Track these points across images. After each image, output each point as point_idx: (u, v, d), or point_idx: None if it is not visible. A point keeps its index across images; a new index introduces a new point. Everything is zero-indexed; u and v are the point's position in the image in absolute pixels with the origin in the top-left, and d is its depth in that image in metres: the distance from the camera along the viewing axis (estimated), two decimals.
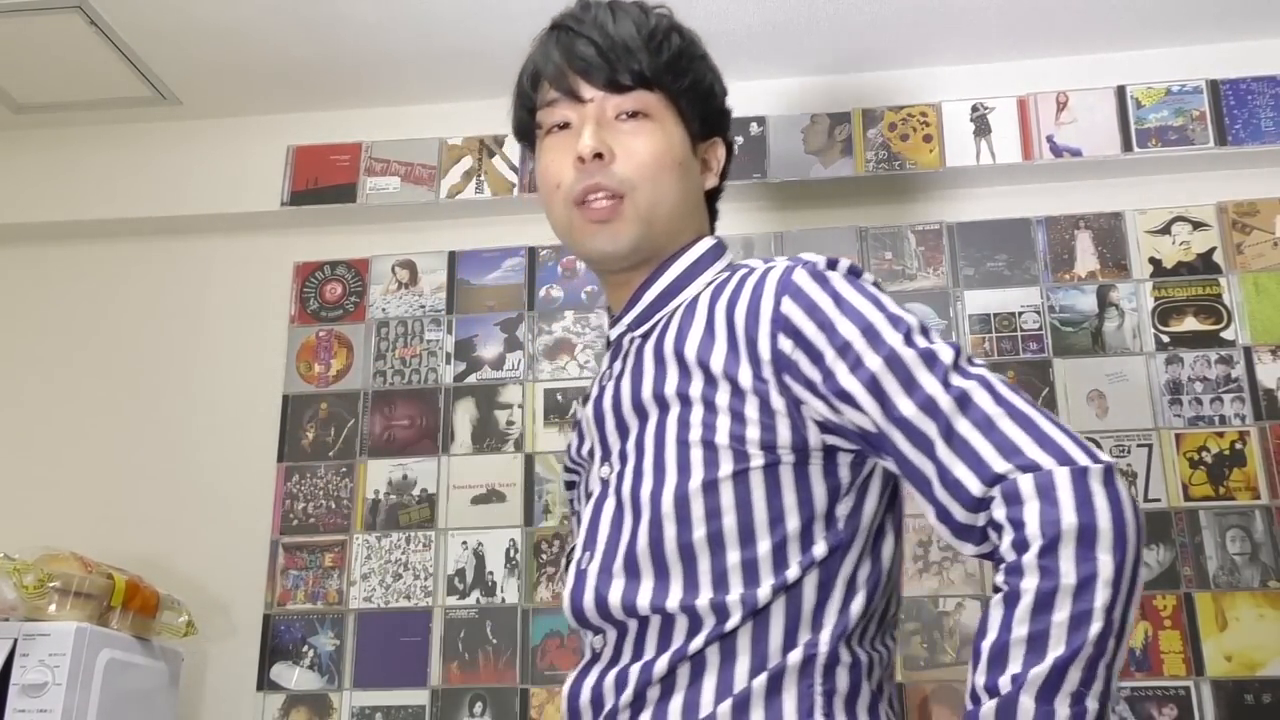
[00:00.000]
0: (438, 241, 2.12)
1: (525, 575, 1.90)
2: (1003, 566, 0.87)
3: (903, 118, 2.03)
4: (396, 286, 2.09)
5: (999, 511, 0.88)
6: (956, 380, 0.93)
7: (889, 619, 1.03)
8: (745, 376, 0.99)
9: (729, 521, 0.97)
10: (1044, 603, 0.83)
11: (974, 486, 0.89)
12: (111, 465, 2.05)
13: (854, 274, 1.03)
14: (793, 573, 0.96)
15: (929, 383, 0.93)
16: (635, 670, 0.98)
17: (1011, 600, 0.85)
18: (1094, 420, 1.86)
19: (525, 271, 2.07)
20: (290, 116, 2.18)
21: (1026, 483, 0.87)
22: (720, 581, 0.96)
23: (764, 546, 0.96)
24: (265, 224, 2.15)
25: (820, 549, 0.97)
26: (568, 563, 1.09)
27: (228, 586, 1.96)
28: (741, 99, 2.08)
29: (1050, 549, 0.84)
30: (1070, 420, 1.86)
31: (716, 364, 1.01)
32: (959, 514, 0.91)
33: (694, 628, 0.96)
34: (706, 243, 1.14)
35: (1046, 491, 0.86)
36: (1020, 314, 1.93)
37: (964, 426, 0.91)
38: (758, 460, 0.97)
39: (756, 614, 0.95)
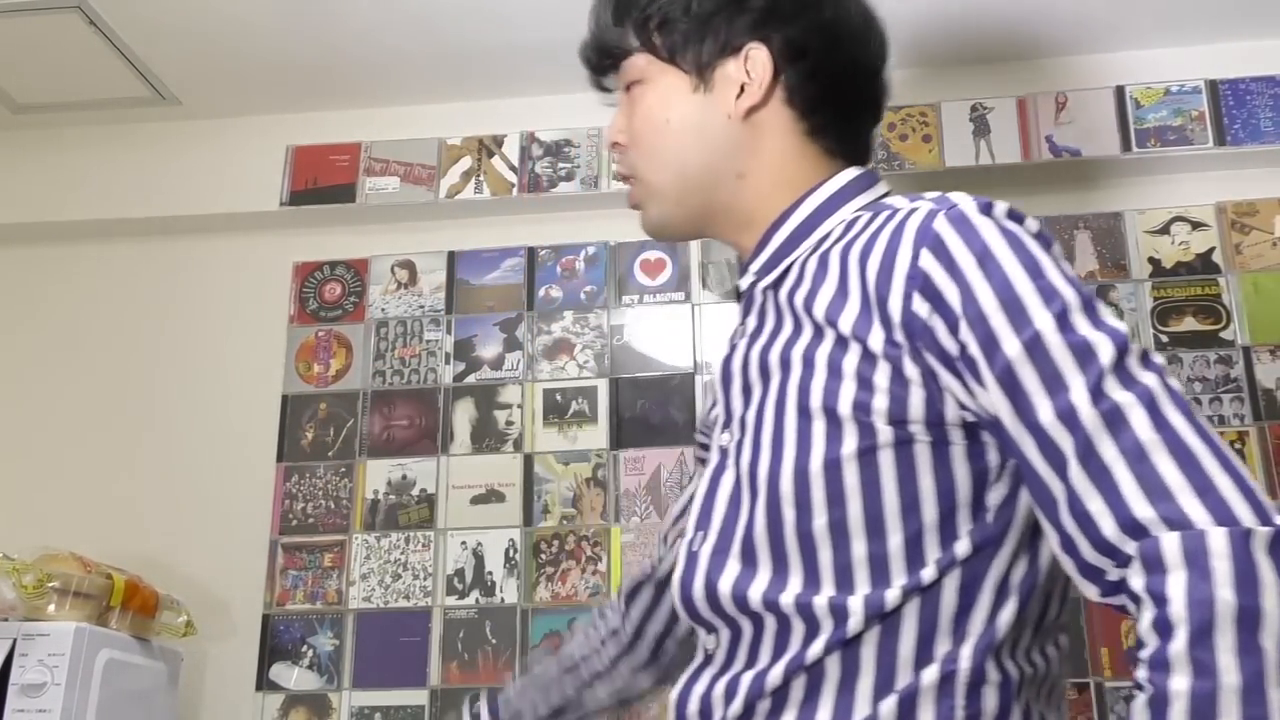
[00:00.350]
0: (437, 241, 2.12)
1: (524, 575, 1.90)
2: (1144, 656, 0.71)
3: (902, 118, 2.03)
4: (396, 286, 2.09)
5: (1136, 580, 0.72)
6: (1112, 389, 0.76)
7: (1048, 624, 0.87)
8: (876, 339, 0.84)
9: (854, 508, 0.83)
10: (1202, 711, 0.67)
11: (1108, 527, 0.74)
12: (110, 465, 2.05)
13: (1014, 220, 0.85)
14: (929, 573, 0.82)
15: (1076, 387, 0.76)
16: (747, 679, 0.86)
17: (1159, 707, 0.68)
18: None
19: (524, 272, 2.07)
20: (289, 116, 2.18)
21: (1172, 544, 0.70)
22: (844, 577, 0.84)
23: (895, 540, 0.83)
24: (264, 224, 2.15)
25: (963, 546, 0.83)
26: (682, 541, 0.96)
27: (227, 586, 1.96)
28: None
29: (1203, 637, 0.68)
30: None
31: (846, 323, 0.87)
32: (1086, 551, 0.76)
33: (811, 631, 0.84)
34: (844, 176, 0.98)
35: (1196, 559, 0.70)
36: None
37: (1108, 451, 0.74)
38: (886, 437, 0.83)
39: (884, 619, 0.82)
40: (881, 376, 0.84)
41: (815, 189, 0.97)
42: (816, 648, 0.83)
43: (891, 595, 0.82)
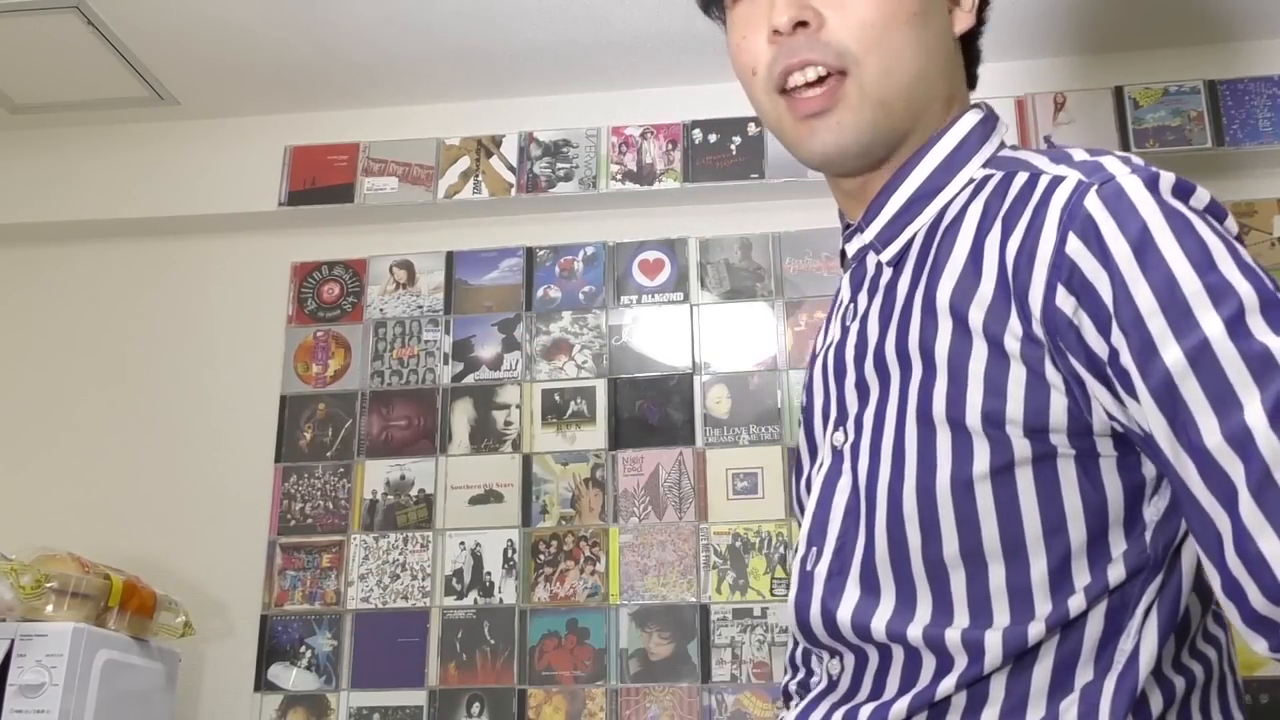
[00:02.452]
0: (435, 242, 2.11)
1: (523, 576, 1.89)
2: None
3: None
4: (394, 287, 2.09)
5: None
6: None
7: (1204, 623, 0.77)
8: (1011, 336, 0.72)
9: (988, 532, 0.73)
10: None
11: None
12: (109, 466, 2.05)
13: (1181, 195, 0.71)
14: (1076, 602, 0.72)
15: (1251, 405, 0.63)
16: (867, 712, 0.77)
17: None
18: None
19: (523, 272, 2.07)
20: (287, 117, 2.18)
21: None
22: (979, 608, 0.74)
23: (1038, 567, 0.73)
24: (262, 224, 2.15)
25: (1116, 572, 0.72)
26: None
27: (225, 587, 1.96)
28: (739, 99, 2.09)
29: None
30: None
31: (976, 315, 0.74)
32: (1256, 599, 0.64)
33: (943, 666, 0.75)
34: (969, 119, 0.86)
35: None
36: None
37: None
38: (1023, 451, 0.72)
39: (1020, 657, 0.73)
40: (1015, 381, 0.72)
41: (943, 132, 0.84)
42: (947, 684, 0.74)
43: (1035, 631, 0.72)
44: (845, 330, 0.87)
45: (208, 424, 2.05)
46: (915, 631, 0.75)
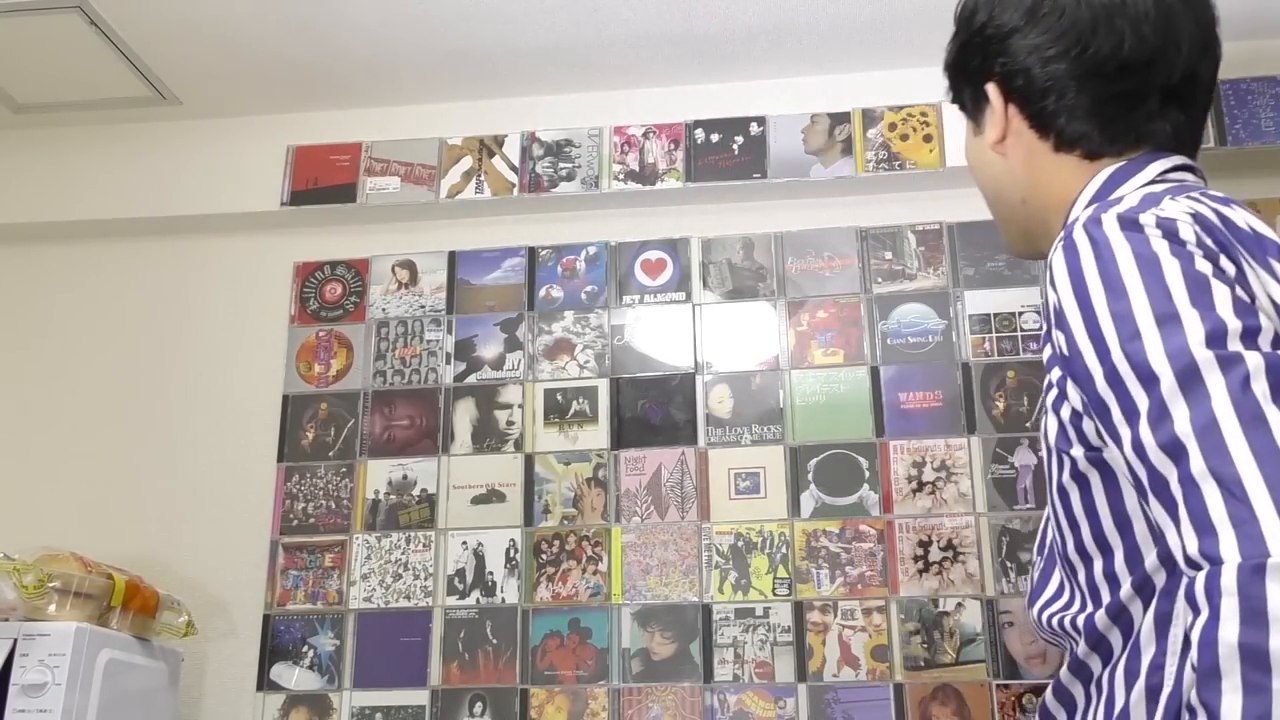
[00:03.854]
0: (437, 241, 2.12)
1: (525, 575, 1.89)
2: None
3: (903, 118, 2.03)
4: (396, 286, 2.09)
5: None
6: (1172, 422, 0.77)
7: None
8: (1052, 364, 0.92)
9: (1085, 532, 0.90)
10: None
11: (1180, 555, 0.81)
12: (111, 465, 2.05)
13: (1131, 226, 0.85)
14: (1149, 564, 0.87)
15: (1157, 423, 0.78)
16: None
17: None
18: None
19: (525, 272, 2.07)
20: (290, 116, 2.18)
21: (1199, 584, 0.75)
22: (1095, 594, 0.91)
23: (1118, 558, 0.88)
24: (265, 224, 2.15)
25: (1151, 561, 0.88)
26: None
27: (227, 587, 1.96)
28: (741, 99, 2.10)
29: (1209, 680, 0.76)
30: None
31: (1047, 350, 0.94)
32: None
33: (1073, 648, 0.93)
34: (1093, 185, 1.00)
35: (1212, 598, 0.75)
36: (1021, 314, 1.93)
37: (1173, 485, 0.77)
38: (1083, 461, 0.89)
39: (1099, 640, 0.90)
40: (1065, 407, 0.89)
41: (1072, 203, 1.01)
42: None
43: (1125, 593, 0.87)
44: None
45: (210, 423, 2.06)
46: (1062, 621, 0.93)
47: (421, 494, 1.96)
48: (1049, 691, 0.95)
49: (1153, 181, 0.97)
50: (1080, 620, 0.89)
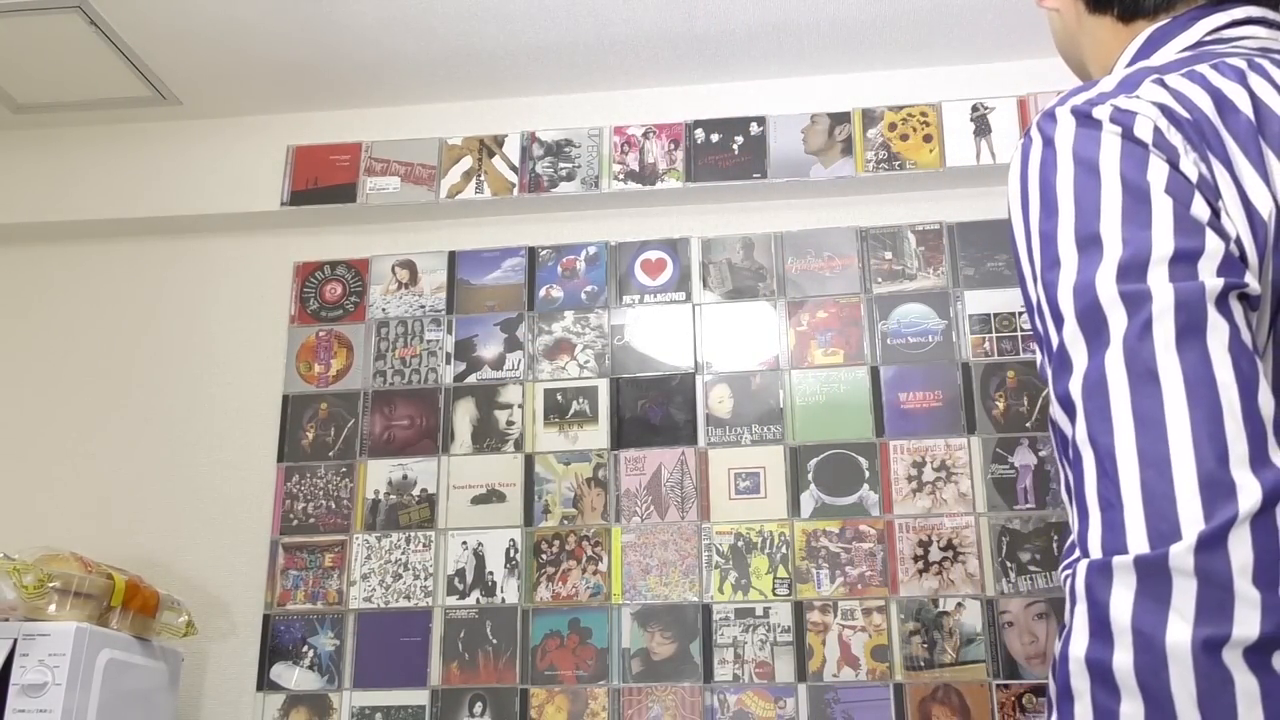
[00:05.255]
0: (437, 241, 2.12)
1: (525, 575, 1.90)
2: None
3: (903, 118, 2.03)
4: (396, 286, 2.09)
5: None
6: (1065, 381, 0.66)
7: None
8: None
9: (1063, 477, 0.80)
10: None
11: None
12: (111, 465, 2.05)
13: (1085, 122, 0.73)
14: None
15: (1058, 373, 0.67)
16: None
17: None
18: None
19: (525, 271, 2.07)
20: (290, 116, 2.18)
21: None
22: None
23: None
24: (265, 224, 2.15)
25: None
26: None
27: (228, 586, 1.96)
28: (741, 99, 2.10)
29: (1062, 703, 0.68)
30: None
31: None
32: None
33: None
34: (1128, 53, 0.90)
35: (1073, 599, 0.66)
36: (1020, 314, 1.93)
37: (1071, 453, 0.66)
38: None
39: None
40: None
41: (1113, 69, 0.90)
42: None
43: None
44: None
45: (210, 423, 2.06)
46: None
47: (421, 494, 1.96)
48: (1049, 668, 0.89)
49: (1197, 44, 0.82)
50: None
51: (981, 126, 2.00)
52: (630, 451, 1.93)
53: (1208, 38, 0.83)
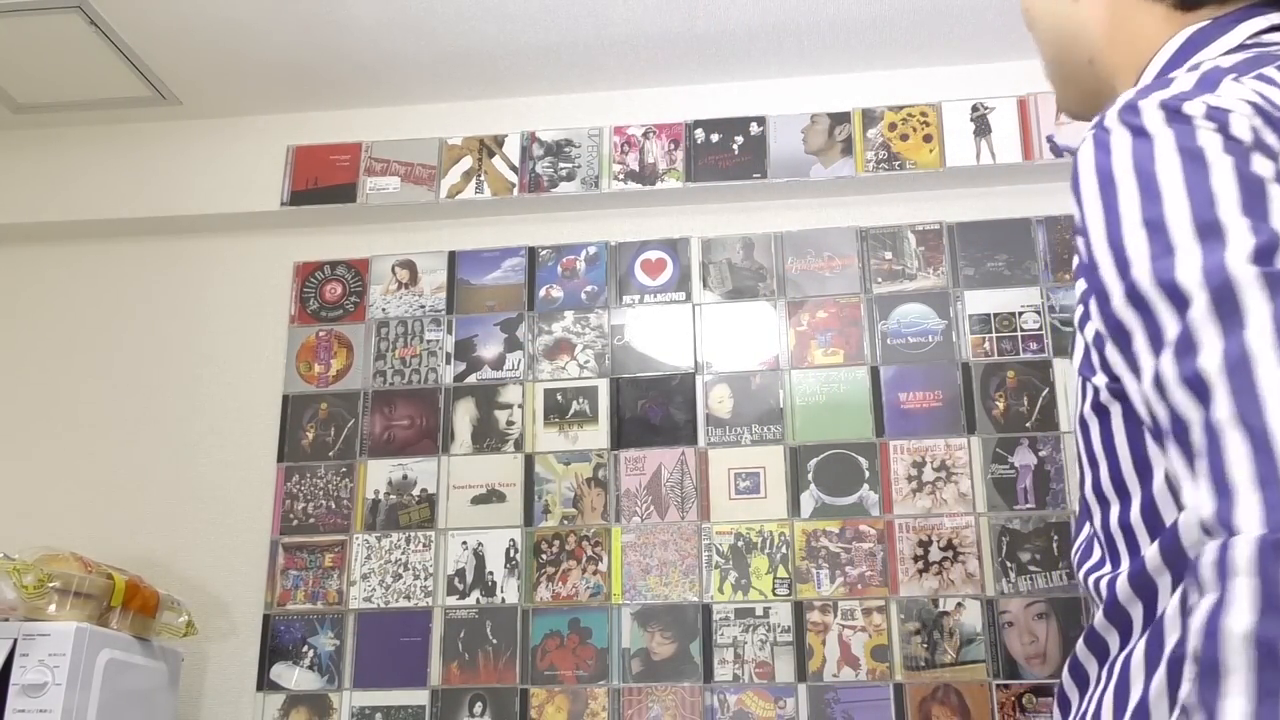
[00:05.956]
0: (437, 241, 2.12)
1: (525, 575, 1.90)
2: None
3: (903, 117, 2.03)
4: (396, 286, 2.09)
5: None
6: (1199, 354, 0.63)
7: None
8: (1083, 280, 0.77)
9: (1103, 471, 0.78)
10: None
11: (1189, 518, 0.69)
12: (111, 465, 2.05)
13: (1176, 118, 0.70)
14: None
15: (1181, 354, 0.64)
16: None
17: None
18: None
19: (525, 271, 2.07)
20: (290, 116, 2.18)
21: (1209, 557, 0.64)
22: (1112, 548, 0.78)
23: (1134, 507, 0.76)
24: (265, 224, 2.15)
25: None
26: None
27: (228, 587, 1.96)
28: (741, 99, 2.10)
29: (1209, 678, 0.63)
30: (1070, 421, 1.86)
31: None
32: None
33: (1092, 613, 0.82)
34: (1171, 45, 0.84)
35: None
36: (1020, 314, 1.93)
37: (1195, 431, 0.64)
38: (1105, 391, 0.77)
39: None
40: (1089, 326, 0.76)
41: (1144, 68, 0.84)
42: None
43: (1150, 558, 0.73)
44: None
45: (210, 423, 2.06)
46: (1087, 578, 0.80)
47: (421, 494, 1.96)
48: (1066, 667, 0.84)
49: (1240, 47, 0.80)
50: (1104, 583, 0.77)
51: (981, 126, 2.00)
52: (630, 451, 1.93)
53: (1249, 41, 0.81)
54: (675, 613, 1.84)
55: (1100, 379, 0.76)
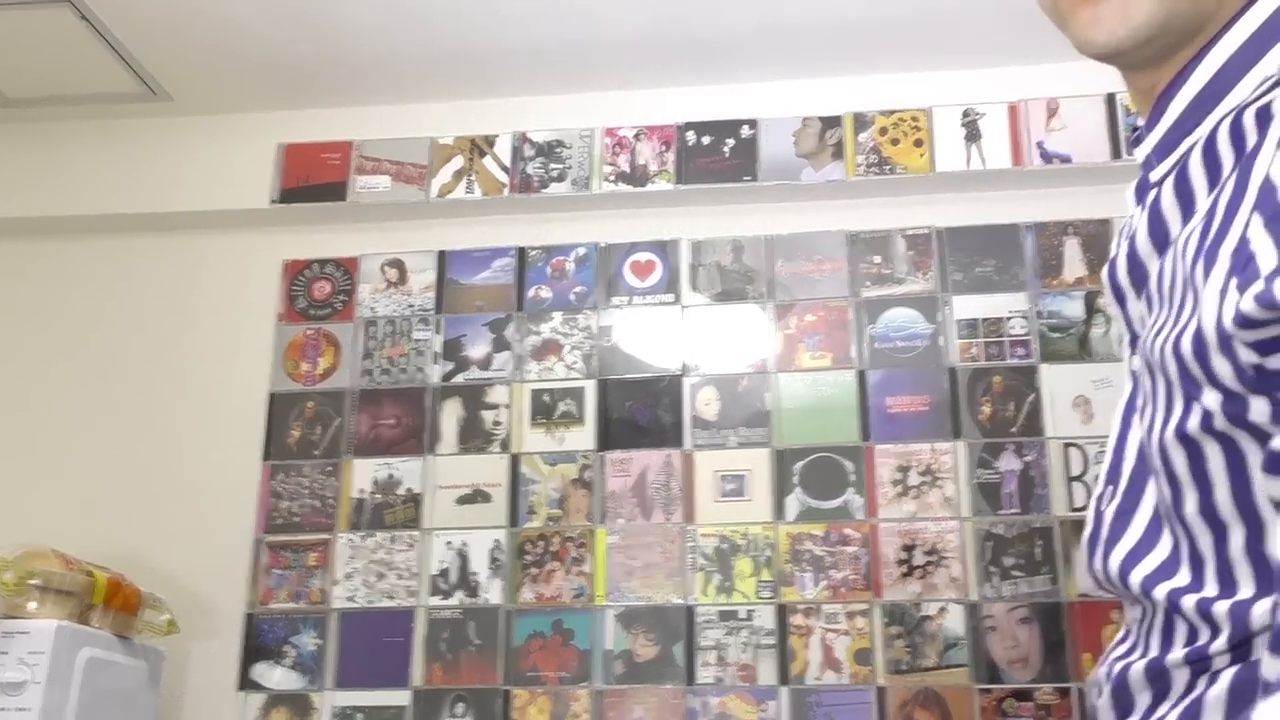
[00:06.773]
0: (427, 241, 2.11)
1: (509, 576, 1.89)
2: None
3: (894, 122, 2.03)
4: (385, 285, 2.09)
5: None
6: None
7: None
8: (1218, 273, 0.62)
9: (1221, 492, 0.64)
10: None
11: None
12: (95, 462, 2.04)
13: None
14: None
15: None
16: (1134, 667, 0.71)
17: None
18: (1079, 426, 1.85)
19: (514, 272, 2.06)
20: (281, 114, 2.17)
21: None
22: (1226, 574, 0.64)
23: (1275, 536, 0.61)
24: (254, 221, 2.15)
25: None
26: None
27: (210, 585, 1.95)
28: (733, 101, 2.09)
29: None
30: (1055, 427, 1.86)
31: (1198, 247, 0.64)
32: None
33: (1192, 634, 0.67)
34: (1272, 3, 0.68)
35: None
36: (1008, 319, 1.93)
37: None
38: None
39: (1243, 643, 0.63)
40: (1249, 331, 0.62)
41: (1238, 15, 0.68)
42: (1176, 656, 0.67)
43: (1259, 612, 0.62)
44: (1118, 247, 0.77)
45: (195, 421, 2.05)
46: (1161, 591, 0.68)
47: (407, 493, 1.95)
48: (1129, 670, 0.71)
49: None
50: (1223, 608, 0.64)
51: (972, 132, 2.00)
52: (616, 453, 1.93)
53: None
54: (659, 615, 1.84)
55: (1212, 399, 0.64)
